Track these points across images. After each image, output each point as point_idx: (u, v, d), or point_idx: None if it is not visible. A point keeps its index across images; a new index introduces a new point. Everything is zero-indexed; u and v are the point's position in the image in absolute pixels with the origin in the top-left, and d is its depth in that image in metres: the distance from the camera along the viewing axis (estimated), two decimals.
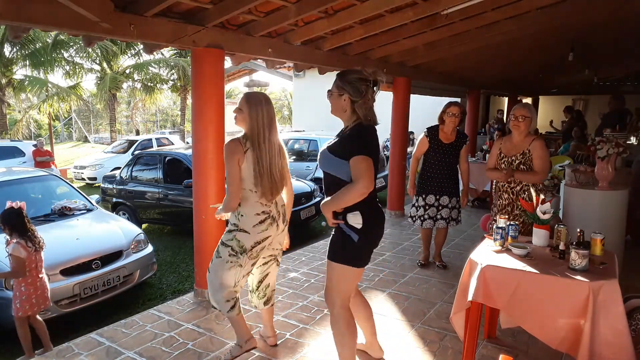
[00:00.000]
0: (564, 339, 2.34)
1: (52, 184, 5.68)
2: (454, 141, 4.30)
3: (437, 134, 4.30)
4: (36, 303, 3.41)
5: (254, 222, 2.71)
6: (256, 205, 2.71)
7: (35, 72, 19.00)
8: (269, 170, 2.66)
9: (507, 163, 3.57)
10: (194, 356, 2.99)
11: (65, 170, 13.88)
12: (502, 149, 3.64)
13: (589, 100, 15.50)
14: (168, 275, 5.47)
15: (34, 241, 3.47)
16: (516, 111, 3.51)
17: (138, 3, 3.16)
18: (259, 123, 2.64)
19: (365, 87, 2.24)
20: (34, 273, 3.44)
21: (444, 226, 4.41)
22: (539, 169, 3.45)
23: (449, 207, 4.35)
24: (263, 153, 2.64)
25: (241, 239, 2.72)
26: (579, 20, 5.33)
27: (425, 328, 3.35)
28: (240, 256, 2.74)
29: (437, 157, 4.30)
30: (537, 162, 3.45)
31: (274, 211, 2.78)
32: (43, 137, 18.89)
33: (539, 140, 3.50)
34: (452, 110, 4.21)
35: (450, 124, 4.24)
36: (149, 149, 11.91)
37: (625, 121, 7.38)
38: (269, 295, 3.04)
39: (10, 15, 2.63)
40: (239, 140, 2.65)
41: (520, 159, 3.50)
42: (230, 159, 2.61)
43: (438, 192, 4.33)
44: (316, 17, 4.10)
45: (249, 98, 2.69)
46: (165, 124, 37.50)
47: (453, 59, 6.71)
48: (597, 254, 2.52)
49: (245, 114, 2.66)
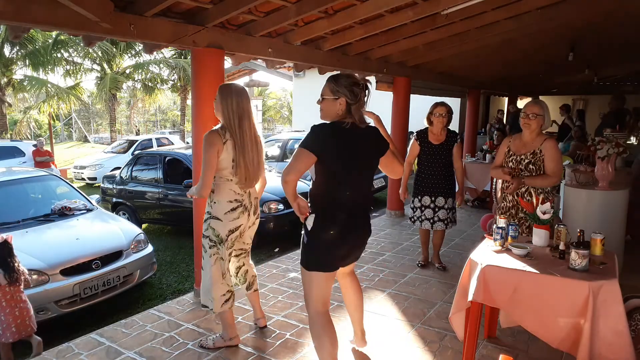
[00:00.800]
0: (564, 338, 2.34)
1: (52, 184, 5.68)
2: (444, 141, 4.31)
3: (426, 136, 4.35)
4: (17, 331, 3.37)
5: (226, 209, 2.84)
6: (229, 193, 2.85)
7: (35, 73, 19.00)
8: (244, 159, 2.80)
9: (515, 162, 3.36)
10: (194, 356, 2.99)
11: (65, 170, 13.88)
12: (511, 146, 3.44)
13: (589, 100, 15.51)
14: (168, 275, 5.47)
15: (12, 275, 3.42)
16: (527, 108, 3.31)
17: (138, 3, 3.16)
18: (230, 113, 2.78)
19: (359, 91, 2.27)
20: (11, 303, 3.40)
21: (442, 228, 4.41)
22: (551, 172, 3.22)
23: (446, 208, 4.36)
24: (238, 142, 2.78)
25: (215, 227, 2.86)
26: (579, 20, 5.33)
27: (425, 328, 3.35)
28: (219, 246, 2.88)
29: (430, 159, 4.33)
30: (550, 164, 3.22)
31: (246, 201, 2.92)
32: (43, 137, 18.88)
33: (552, 141, 3.28)
34: (438, 111, 4.25)
35: (438, 124, 4.26)
36: (149, 149, 11.92)
37: (625, 121, 7.38)
38: (250, 280, 3.23)
39: (10, 15, 2.63)
40: (218, 131, 2.77)
41: (530, 159, 3.29)
42: (210, 149, 2.73)
43: (433, 193, 4.34)
44: (316, 17, 4.10)
45: (221, 89, 2.86)
46: (166, 124, 37.51)
47: (453, 59, 6.71)
48: (597, 254, 2.52)
49: (218, 104, 2.82)
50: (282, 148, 9.54)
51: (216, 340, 3.06)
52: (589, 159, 4.97)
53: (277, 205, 6.10)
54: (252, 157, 2.85)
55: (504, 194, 3.52)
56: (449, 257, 4.90)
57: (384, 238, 5.71)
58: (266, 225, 5.72)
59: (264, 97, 34.31)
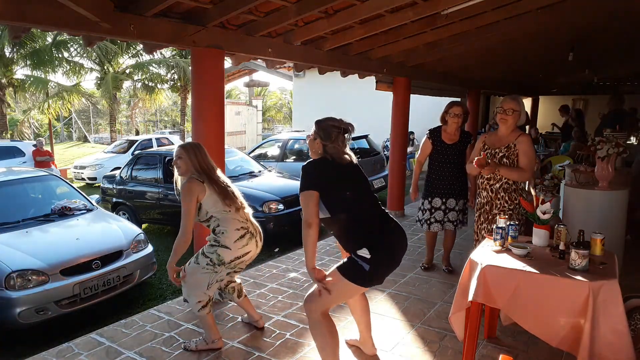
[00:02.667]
0: (565, 337, 2.34)
1: (52, 184, 5.67)
2: (458, 141, 4.20)
3: (439, 135, 4.22)
4: None
5: (234, 238, 2.90)
6: (234, 222, 2.93)
7: (36, 72, 19.00)
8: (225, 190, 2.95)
9: (490, 155, 3.38)
10: (193, 356, 2.99)
11: (65, 170, 13.88)
12: (487, 141, 3.49)
13: (589, 100, 15.50)
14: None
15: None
16: (504, 104, 3.34)
17: (138, 3, 3.16)
18: (200, 164, 2.93)
19: (336, 134, 2.48)
20: None
21: (451, 228, 4.33)
22: (524, 166, 3.27)
23: (456, 209, 4.26)
24: (215, 179, 2.94)
25: (222, 253, 2.91)
26: (579, 20, 5.33)
27: (425, 328, 3.35)
28: (216, 267, 2.93)
29: (442, 159, 4.21)
30: (523, 158, 3.28)
31: (251, 228, 3.01)
32: (42, 137, 18.89)
33: (526, 136, 3.35)
34: (454, 111, 4.12)
35: (453, 124, 4.14)
36: (149, 149, 11.91)
37: (624, 121, 7.38)
38: (238, 288, 3.29)
39: (10, 15, 2.63)
40: (195, 179, 2.87)
41: (505, 152, 3.33)
42: (190, 198, 2.82)
43: (444, 194, 4.23)
44: (316, 17, 4.10)
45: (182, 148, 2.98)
46: (166, 125, 37.51)
47: (453, 59, 6.71)
48: (597, 254, 2.52)
49: (186, 160, 2.92)
50: (282, 148, 9.54)
51: (199, 343, 3.06)
52: (589, 159, 4.97)
53: (277, 205, 6.10)
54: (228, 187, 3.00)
55: (479, 189, 3.55)
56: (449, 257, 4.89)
57: None
58: (266, 225, 5.72)
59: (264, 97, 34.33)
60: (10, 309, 3.75)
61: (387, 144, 12.08)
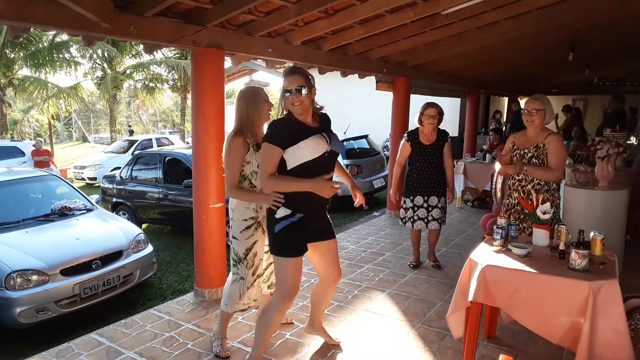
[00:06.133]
0: (565, 335, 2.34)
1: (52, 184, 5.67)
2: (435, 141, 4.31)
3: (417, 137, 4.34)
4: None
5: (240, 228, 2.84)
6: (246, 212, 2.82)
7: (36, 73, 18.99)
8: None
9: (519, 156, 3.33)
10: (194, 356, 2.99)
11: (65, 170, 13.88)
12: (516, 141, 3.43)
13: (589, 100, 15.49)
14: (168, 275, 5.47)
15: None
16: (528, 105, 3.24)
17: (138, 3, 3.16)
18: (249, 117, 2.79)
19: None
20: None
21: (437, 227, 4.43)
22: (554, 166, 3.19)
23: (439, 207, 4.37)
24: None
25: (235, 246, 2.86)
26: (579, 20, 5.33)
27: (425, 328, 3.35)
28: (239, 266, 2.86)
29: (421, 159, 4.33)
30: (553, 158, 3.20)
31: (260, 216, 2.86)
32: (42, 137, 18.89)
33: (556, 135, 3.26)
34: (429, 112, 4.24)
35: (429, 125, 4.25)
36: (149, 149, 11.91)
37: (624, 121, 7.38)
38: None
39: (10, 15, 2.63)
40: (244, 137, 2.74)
41: (533, 152, 3.26)
42: (235, 156, 2.71)
43: (425, 193, 4.35)
44: (316, 17, 4.10)
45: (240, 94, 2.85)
46: (166, 125, 37.49)
47: (453, 59, 6.71)
48: (597, 254, 2.52)
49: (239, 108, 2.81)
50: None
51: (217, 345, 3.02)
52: (589, 159, 4.97)
53: None
54: None
55: (510, 189, 3.48)
56: (449, 257, 4.90)
57: (384, 238, 5.71)
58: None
59: None
60: (10, 309, 3.75)
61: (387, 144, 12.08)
